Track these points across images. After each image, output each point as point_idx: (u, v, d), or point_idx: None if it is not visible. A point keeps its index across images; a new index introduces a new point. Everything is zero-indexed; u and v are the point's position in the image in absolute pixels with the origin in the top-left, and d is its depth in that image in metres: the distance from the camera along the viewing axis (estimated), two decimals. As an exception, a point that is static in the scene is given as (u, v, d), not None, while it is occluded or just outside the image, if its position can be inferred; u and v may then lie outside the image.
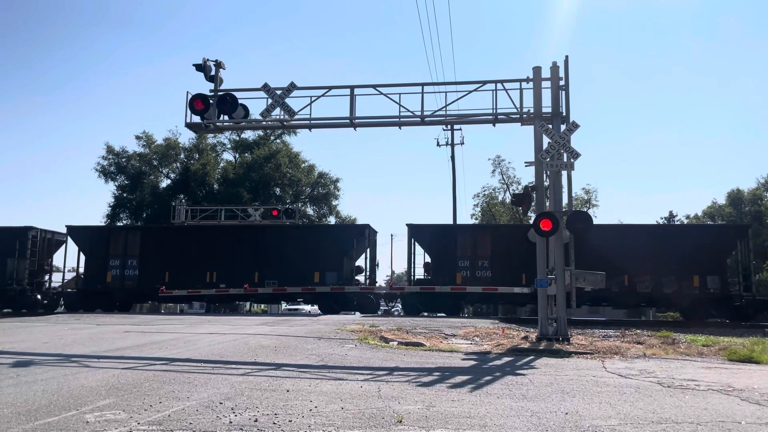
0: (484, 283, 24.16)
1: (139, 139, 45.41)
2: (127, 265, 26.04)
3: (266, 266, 25.26)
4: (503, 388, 7.31)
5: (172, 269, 25.55)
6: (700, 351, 11.45)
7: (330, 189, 47.94)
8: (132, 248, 26.24)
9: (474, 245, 24.70)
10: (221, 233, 26.84)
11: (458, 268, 24.44)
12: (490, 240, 24.75)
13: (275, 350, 10.68)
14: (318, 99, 14.41)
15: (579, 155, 12.59)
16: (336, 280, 24.90)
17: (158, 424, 5.20)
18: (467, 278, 24.33)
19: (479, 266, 24.48)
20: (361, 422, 5.42)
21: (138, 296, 27.35)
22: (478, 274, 24.37)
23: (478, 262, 24.49)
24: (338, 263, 25.12)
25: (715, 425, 5.49)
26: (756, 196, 52.62)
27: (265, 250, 25.56)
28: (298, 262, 25.02)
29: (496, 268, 24.17)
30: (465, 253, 24.69)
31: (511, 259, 23.52)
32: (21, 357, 9.55)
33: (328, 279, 24.91)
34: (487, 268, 24.44)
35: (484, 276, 24.37)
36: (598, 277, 12.92)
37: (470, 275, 24.39)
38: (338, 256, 25.21)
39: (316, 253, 25.11)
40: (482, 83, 14.14)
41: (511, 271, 23.51)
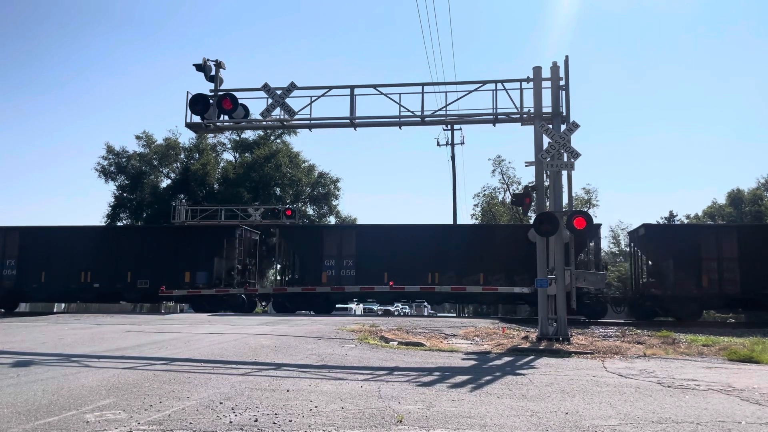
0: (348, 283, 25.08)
1: (139, 139, 45.41)
2: (6, 265, 26.87)
3: (142, 267, 25.96)
4: (503, 388, 7.31)
5: (49, 269, 26.38)
6: (700, 351, 11.46)
7: (330, 189, 47.91)
8: (11, 249, 27.06)
9: (340, 245, 25.69)
10: (95, 234, 27.92)
11: (324, 267, 25.42)
12: (355, 240, 25.66)
13: (275, 350, 10.69)
14: (318, 99, 14.43)
15: (579, 155, 12.60)
16: (206, 280, 25.60)
17: (158, 424, 5.20)
18: (332, 277, 25.28)
19: (345, 266, 25.42)
20: (361, 422, 5.42)
21: (18, 295, 27.91)
22: (343, 273, 25.36)
23: (343, 262, 25.47)
24: (209, 263, 25.80)
25: (715, 425, 5.49)
26: (756, 196, 52.64)
27: (140, 252, 26.35)
28: (171, 262, 25.76)
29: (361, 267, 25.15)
30: (330, 253, 25.61)
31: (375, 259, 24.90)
32: (21, 357, 9.55)
33: (199, 279, 25.66)
34: (352, 267, 25.33)
35: (350, 275, 25.39)
36: (598, 277, 12.93)
37: (336, 274, 25.37)
38: (209, 256, 25.94)
39: (188, 254, 25.90)
40: (482, 83, 14.14)
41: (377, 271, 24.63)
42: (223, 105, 14.58)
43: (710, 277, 22.78)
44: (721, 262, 22.86)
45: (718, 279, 22.67)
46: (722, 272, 22.74)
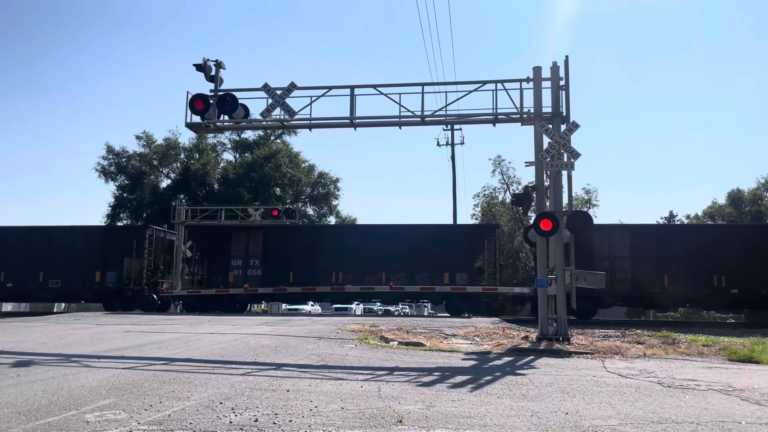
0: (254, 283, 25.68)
1: (139, 139, 45.45)
2: None
3: (54, 267, 26.42)
4: (503, 388, 7.31)
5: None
6: (700, 351, 11.46)
7: (330, 189, 47.95)
8: None
9: (247, 245, 26.31)
10: (8, 234, 27.96)
11: (231, 267, 26.02)
12: (262, 240, 26.33)
13: (275, 350, 10.69)
14: (318, 99, 14.42)
15: (579, 155, 12.59)
16: (115, 280, 26.24)
17: (158, 424, 5.20)
18: (239, 277, 25.89)
19: (251, 266, 26.02)
20: (362, 422, 5.42)
21: None
22: (249, 273, 25.98)
23: (250, 262, 26.11)
24: (120, 263, 26.30)
25: (716, 425, 5.49)
26: (756, 196, 52.62)
27: (55, 251, 26.77)
28: (80, 263, 26.32)
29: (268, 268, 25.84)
30: (238, 253, 26.21)
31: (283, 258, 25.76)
32: (21, 357, 9.55)
33: (109, 279, 26.27)
34: (258, 267, 25.94)
35: (256, 275, 26.00)
36: (598, 276, 12.93)
37: (242, 274, 26.00)
38: (120, 257, 26.38)
39: (100, 254, 26.41)
40: (482, 83, 14.14)
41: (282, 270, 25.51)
42: (223, 105, 14.57)
43: None
44: (613, 261, 23.51)
45: (611, 277, 23.07)
46: (615, 271, 23.29)
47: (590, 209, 44.17)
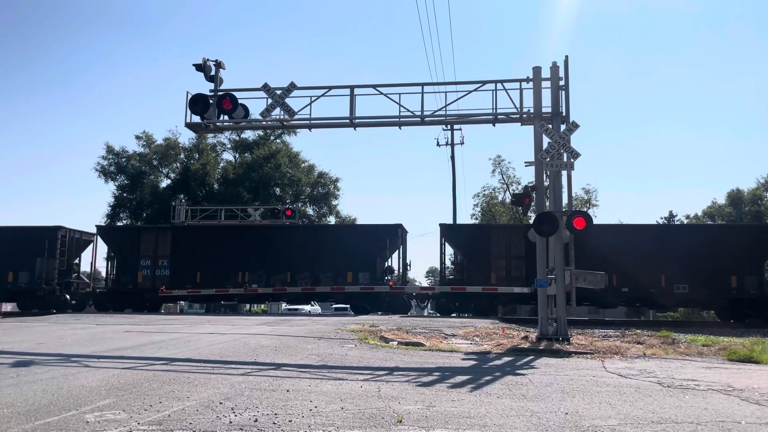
0: None
1: (139, 139, 45.44)
2: None
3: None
4: (503, 388, 7.31)
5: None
6: (700, 351, 11.46)
7: (330, 189, 47.93)
8: None
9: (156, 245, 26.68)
10: None
11: (140, 267, 26.27)
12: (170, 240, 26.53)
13: (275, 350, 10.69)
14: (318, 99, 14.42)
15: (579, 155, 12.59)
16: (28, 279, 26.54)
17: (158, 424, 5.20)
18: (147, 277, 26.17)
19: (160, 265, 26.36)
20: (361, 422, 5.42)
21: None
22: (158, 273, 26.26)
23: (158, 261, 26.41)
24: (32, 264, 26.38)
25: (715, 425, 5.49)
26: (756, 196, 52.63)
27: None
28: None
29: None
30: (147, 253, 26.57)
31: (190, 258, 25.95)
32: (21, 357, 9.55)
33: (21, 279, 26.53)
34: (167, 267, 26.22)
35: (164, 275, 26.31)
36: (598, 276, 12.93)
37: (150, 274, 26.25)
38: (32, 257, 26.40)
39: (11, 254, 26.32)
40: (482, 83, 14.14)
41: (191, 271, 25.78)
42: (223, 105, 14.56)
43: (498, 274, 23.95)
44: (509, 260, 24.01)
45: (505, 275, 23.84)
46: (510, 269, 23.76)
47: (590, 209, 44.24)
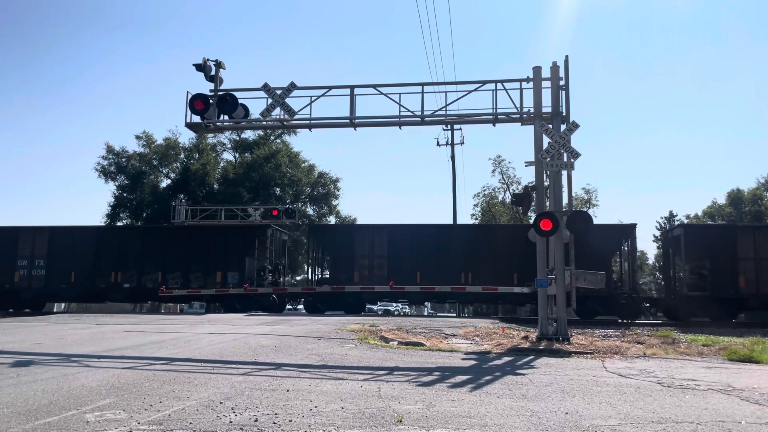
0: None
1: (139, 139, 45.42)
2: None
3: None
4: (503, 388, 7.31)
5: None
6: (700, 351, 11.45)
7: (330, 189, 47.91)
8: None
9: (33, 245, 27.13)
10: None
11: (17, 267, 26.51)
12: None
13: (275, 350, 10.68)
14: (318, 99, 14.41)
15: (579, 155, 12.59)
16: None
17: (158, 424, 5.20)
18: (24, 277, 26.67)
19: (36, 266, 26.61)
20: (361, 422, 5.42)
21: None
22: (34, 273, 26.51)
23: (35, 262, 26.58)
24: None
25: (715, 425, 5.49)
26: (756, 196, 52.63)
27: None
28: None
29: None
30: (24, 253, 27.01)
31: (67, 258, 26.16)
32: (21, 357, 9.55)
33: None
34: (42, 267, 26.49)
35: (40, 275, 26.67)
36: (598, 276, 12.93)
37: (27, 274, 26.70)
38: None
39: None
40: (482, 83, 14.13)
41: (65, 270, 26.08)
42: (223, 105, 14.57)
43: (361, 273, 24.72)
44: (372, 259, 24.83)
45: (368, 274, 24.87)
46: (374, 269, 24.80)
47: (590, 209, 44.25)
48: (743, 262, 22.51)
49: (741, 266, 22.51)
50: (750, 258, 22.52)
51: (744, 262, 22.52)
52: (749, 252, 22.57)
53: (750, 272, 22.40)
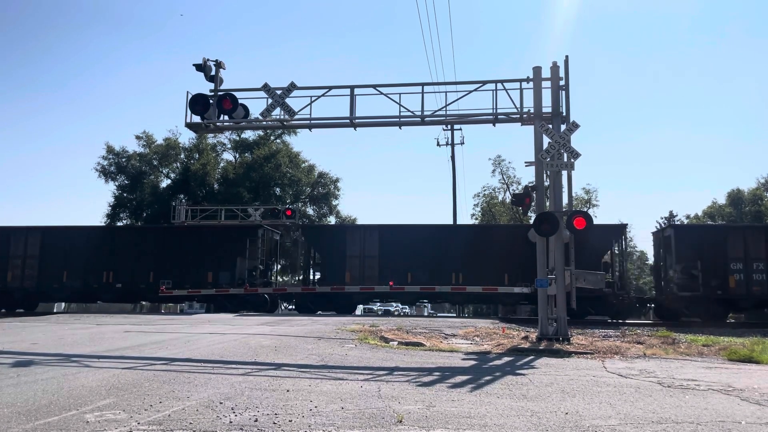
0: None
1: (139, 139, 45.40)
2: None
3: None
4: (503, 388, 7.31)
5: None
6: (700, 351, 11.45)
7: (330, 189, 47.90)
8: None
9: None
10: None
11: None
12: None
13: (275, 350, 10.68)
14: (318, 99, 14.42)
15: (579, 155, 12.59)
16: None
17: (158, 424, 5.20)
18: None
19: None
20: (361, 422, 5.42)
21: None
22: None
23: None
24: None
25: (715, 425, 5.49)
26: (756, 196, 52.61)
27: None
28: None
29: None
30: None
31: None
32: (21, 357, 9.54)
33: None
34: None
35: None
36: (598, 276, 12.93)
37: None
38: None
39: None
40: (482, 83, 14.13)
41: None
42: (223, 105, 14.57)
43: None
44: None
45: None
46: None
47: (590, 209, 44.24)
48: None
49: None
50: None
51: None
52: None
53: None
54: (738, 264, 22.46)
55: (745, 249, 22.56)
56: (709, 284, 22.33)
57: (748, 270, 22.37)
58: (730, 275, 22.41)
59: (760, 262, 22.37)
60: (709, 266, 22.47)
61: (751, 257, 22.47)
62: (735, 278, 22.42)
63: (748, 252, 22.51)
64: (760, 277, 22.29)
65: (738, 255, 22.53)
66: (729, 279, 22.39)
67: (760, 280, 22.27)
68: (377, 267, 24.69)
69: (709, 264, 22.49)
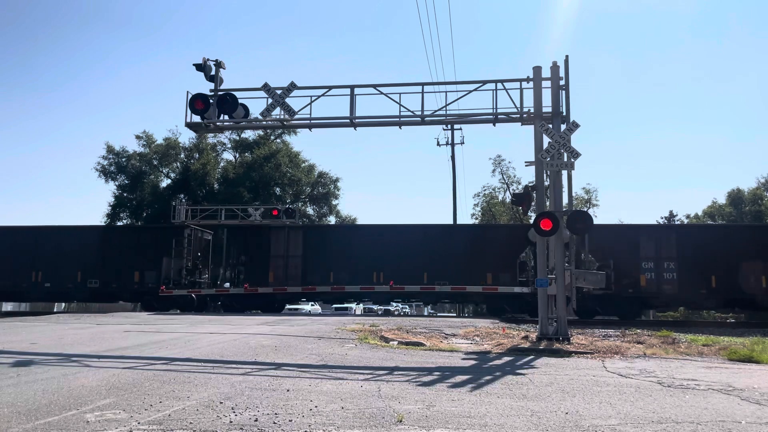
0: None
1: (140, 139, 45.44)
2: None
3: None
4: (503, 388, 7.31)
5: None
6: (700, 351, 11.45)
7: (330, 189, 47.92)
8: None
9: None
10: None
11: None
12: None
13: (275, 350, 10.69)
14: (318, 99, 14.42)
15: (579, 155, 12.59)
16: None
17: (158, 424, 5.20)
18: None
19: None
20: (362, 422, 5.42)
21: None
22: None
23: None
24: None
25: (716, 425, 5.49)
26: (756, 196, 52.61)
27: None
28: None
29: None
30: None
31: None
32: (21, 357, 9.54)
33: None
34: None
35: None
36: (598, 276, 12.92)
37: None
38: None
39: None
40: (482, 83, 14.13)
41: None
42: (223, 105, 14.57)
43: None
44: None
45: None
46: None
47: (590, 209, 44.28)
48: None
49: None
50: None
51: None
52: None
53: None
54: None
55: None
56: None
57: None
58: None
59: None
60: None
61: None
62: None
63: None
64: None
65: None
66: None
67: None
68: (300, 266, 25.78)
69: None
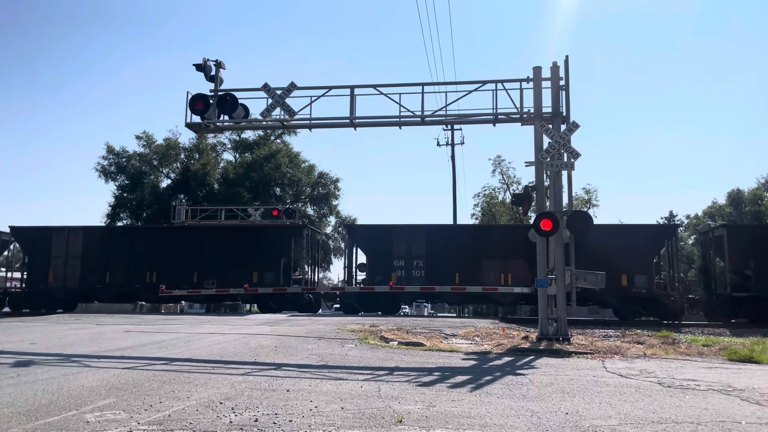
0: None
1: (140, 139, 45.38)
2: None
3: None
4: (503, 388, 7.31)
5: None
6: (700, 351, 11.45)
7: (330, 189, 47.88)
8: None
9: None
10: None
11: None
12: None
13: (275, 350, 10.69)
14: (318, 99, 14.41)
15: (579, 155, 12.59)
16: None
17: (158, 424, 5.20)
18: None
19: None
20: (362, 422, 5.42)
21: None
22: None
23: None
24: None
25: (716, 425, 5.49)
26: (756, 196, 52.60)
27: None
28: None
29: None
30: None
31: None
32: (21, 357, 9.55)
33: None
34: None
35: None
36: (598, 276, 12.92)
37: None
38: None
39: None
40: (482, 83, 14.13)
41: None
42: (223, 105, 14.57)
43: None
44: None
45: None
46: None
47: (590, 209, 44.26)
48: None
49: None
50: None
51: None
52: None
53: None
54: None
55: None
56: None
57: None
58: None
59: None
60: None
61: None
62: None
63: None
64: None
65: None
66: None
67: None
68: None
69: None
